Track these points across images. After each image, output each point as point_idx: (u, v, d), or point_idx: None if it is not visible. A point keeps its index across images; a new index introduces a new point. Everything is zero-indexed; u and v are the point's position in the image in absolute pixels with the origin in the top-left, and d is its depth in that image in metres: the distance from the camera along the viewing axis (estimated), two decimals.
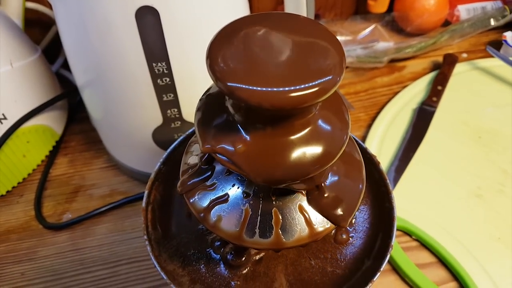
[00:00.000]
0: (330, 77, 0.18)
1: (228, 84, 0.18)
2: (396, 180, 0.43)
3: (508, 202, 0.42)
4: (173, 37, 0.30)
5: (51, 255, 0.40)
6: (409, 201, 0.42)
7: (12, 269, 0.39)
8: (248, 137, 0.20)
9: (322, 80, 0.18)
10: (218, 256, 0.27)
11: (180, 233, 0.28)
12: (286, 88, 0.17)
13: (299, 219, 0.23)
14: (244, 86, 0.17)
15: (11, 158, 0.42)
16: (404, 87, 0.54)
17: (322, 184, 0.23)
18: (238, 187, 0.23)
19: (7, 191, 0.45)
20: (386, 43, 0.57)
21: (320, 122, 0.21)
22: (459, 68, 0.55)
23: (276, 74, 0.18)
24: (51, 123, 0.46)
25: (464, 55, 0.58)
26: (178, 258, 0.27)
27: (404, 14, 0.59)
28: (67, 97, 0.48)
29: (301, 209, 0.23)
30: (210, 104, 0.23)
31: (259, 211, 0.23)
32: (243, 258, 0.27)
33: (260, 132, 0.20)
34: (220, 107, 0.22)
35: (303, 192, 0.23)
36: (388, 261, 0.38)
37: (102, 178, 0.46)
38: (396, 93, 0.53)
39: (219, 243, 0.28)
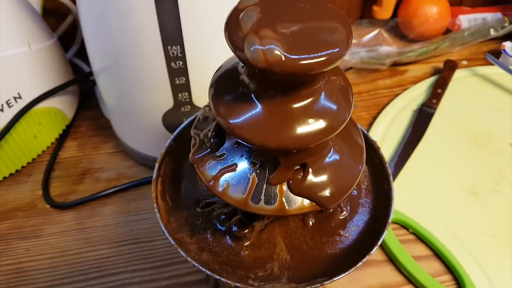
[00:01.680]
0: (337, 49, 0.20)
1: (246, 52, 0.19)
2: (395, 175, 0.44)
3: (503, 201, 0.43)
4: (189, 21, 0.32)
5: (57, 233, 0.41)
6: (407, 196, 0.43)
7: (17, 244, 0.41)
8: (260, 105, 0.21)
9: (330, 51, 0.19)
10: (223, 228, 0.28)
11: (189, 206, 0.29)
12: (297, 56, 0.19)
13: None
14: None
15: (23, 137, 0.44)
16: (405, 89, 0.55)
17: (309, 167, 0.24)
18: (246, 157, 0.24)
19: (16, 170, 0.46)
20: (389, 47, 0.59)
21: (325, 95, 0.22)
22: (459, 74, 0.57)
23: (289, 44, 0.20)
24: (63, 107, 0.48)
25: (464, 62, 0.60)
26: (187, 228, 0.28)
27: (408, 20, 0.61)
28: (79, 82, 0.50)
29: None
30: (223, 80, 0.24)
31: (265, 179, 0.24)
32: (247, 230, 0.28)
33: (272, 99, 0.21)
34: (233, 82, 0.23)
35: None
36: (386, 252, 0.40)
37: (109, 162, 0.48)
38: (397, 95, 0.54)
39: (224, 216, 0.29)
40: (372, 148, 0.31)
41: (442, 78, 0.55)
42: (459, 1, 0.68)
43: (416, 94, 0.54)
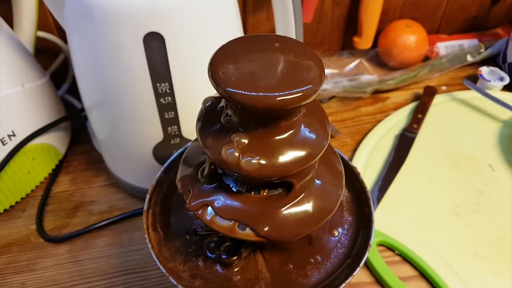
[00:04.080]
0: (311, 86, 0.21)
1: (227, 89, 0.21)
2: (379, 198, 0.46)
3: (484, 220, 0.45)
4: (176, 60, 0.34)
5: (51, 266, 0.42)
6: (392, 218, 0.44)
7: (12, 279, 0.41)
8: (242, 137, 0.23)
9: (304, 88, 0.21)
10: (214, 256, 0.29)
11: (180, 235, 0.30)
12: (276, 93, 0.21)
13: None
14: (240, 91, 0.21)
15: (17, 173, 0.45)
16: (387, 115, 0.57)
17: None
18: (232, 186, 0.26)
19: (10, 206, 0.47)
20: (370, 76, 0.61)
21: (304, 127, 0.24)
22: (438, 99, 0.60)
23: (267, 83, 0.21)
24: (56, 142, 0.49)
25: (443, 87, 0.63)
26: (179, 256, 0.29)
27: (387, 50, 0.64)
28: (71, 119, 0.52)
29: None
30: (209, 114, 0.26)
31: None
32: (235, 257, 0.29)
33: (253, 132, 0.23)
34: (218, 116, 0.25)
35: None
36: (373, 274, 0.41)
37: (101, 195, 0.49)
38: (379, 121, 0.56)
39: (213, 244, 0.30)
40: (352, 174, 0.33)
41: (422, 103, 0.58)
42: (437, 29, 0.72)
43: (398, 120, 0.56)
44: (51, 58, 0.58)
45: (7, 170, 0.44)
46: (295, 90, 0.21)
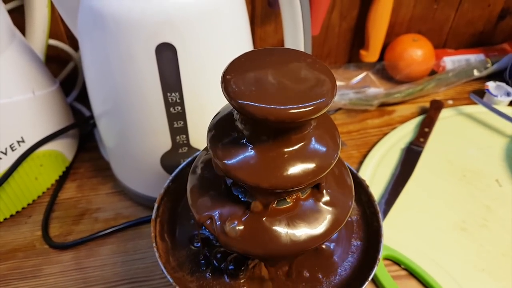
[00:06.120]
0: (323, 99, 0.22)
1: (239, 101, 0.21)
2: (386, 212, 0.46)
3: (491, 236, 0.44)
4: (187, 70, 0.34)
5: (56, 273, 0.42)
6: (398, 232, 0.44)
7: (17, 285, 0.41)
8: (254, 149, 0.23)
9: (317, 101, 0.21)
10: (221, 266, 0.29)
11: (188, 245, 0.30)
12: (288, 106, 0.21)
13: None
14: (252, 103, 0.21)
15: (24, 179, 0.45)
16: (393, 128, 0.58)
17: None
18: (241, 197, 0.26)
19: (17, 211, 0.47)
20: (377, 89, 0.61)
21: (315, 139, 0.24)
22: (445, 113, 0.60)
23: (279, 96, 0.22)
24: (63, 149, 0.49)
25: (450, 101, 0.63)
26: (187, 266, 0.29)
27: (394, 63, 0.64)
28: (79, 126, 0.52)
29: None
30: (220, 125, 0.26)
31: None
32: (242, 269, 0.29)
33: (265, 144, 0.23)
34: (229, 127, 0.25)
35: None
36: None
37: (107, 202, 0.49)
38: (385, 134, 0.57)
39: (220, 255, 0.30)
40: (361, 187, 0.33)
41: (428, 117, 0.58)
42: (443, 43, 0.72)
43: (404, 133, 0.56)
44: (61, 66, 0.59)
45: (15, 176, 0.44)
46: (308, 104, 0.21)
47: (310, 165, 0.24)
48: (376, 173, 0.51)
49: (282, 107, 0.21)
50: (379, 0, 0.61)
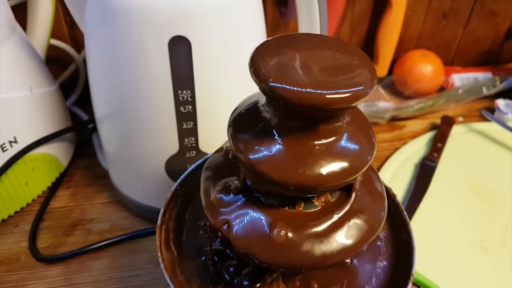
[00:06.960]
0: (362, 87, 0.19)
1: (271, 84, 0.19)
2: None
3: (511, 256, 0.42)
4: (201, 66, 0.32)
5: None
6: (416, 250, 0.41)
7: None
8: (281, 141, 0.21)
9: (355, 89, 0.19)
10: (234, 281, 0.26)
11: (196, 257, 0.27)
12: (324, 91, 0.18)
13: None
14: (285, 85, 0.19)
15: (14, 184, 0.42)
16: (405, 143, 0.55)
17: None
18: (263, 199, 0.23)
19: (2, 220, 0.43)
20: (387, 103, 0.60)
21: (348, 135, 0.22)
22: (456, 130, 0.58)
23: (314, 80, 0.19)
24: (58, 154, 0.46)
25: (460, 118, 0.61)
26: (195, 280, 0.26)
27: (403, 78, 0.63)
28: (77, 130, 0.49)
29: None
30: (241, 119, 0.23)
31: None
32: (259, 285, 0.26)
33: (294, 135, 0.20)
34: (252, 119, 0.23)
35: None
36: None
37: (103, 213, 0.45)
38: (397, 149, 0.54)
39: (232, 269, 0.27)
40: (387, 195, 0.30)
41: (440, 132, 0.56)
42: (451, 61, 0.71)
43: (417, 148, 0.54)
44: (61, 68, 0.56)
45: (3, 179, 0.40)
46: (346, 90, 0.19)
47: (343, 163, 0.21)
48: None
49: (318, 91, 0.18)
50: (389, 15, 0.60)
